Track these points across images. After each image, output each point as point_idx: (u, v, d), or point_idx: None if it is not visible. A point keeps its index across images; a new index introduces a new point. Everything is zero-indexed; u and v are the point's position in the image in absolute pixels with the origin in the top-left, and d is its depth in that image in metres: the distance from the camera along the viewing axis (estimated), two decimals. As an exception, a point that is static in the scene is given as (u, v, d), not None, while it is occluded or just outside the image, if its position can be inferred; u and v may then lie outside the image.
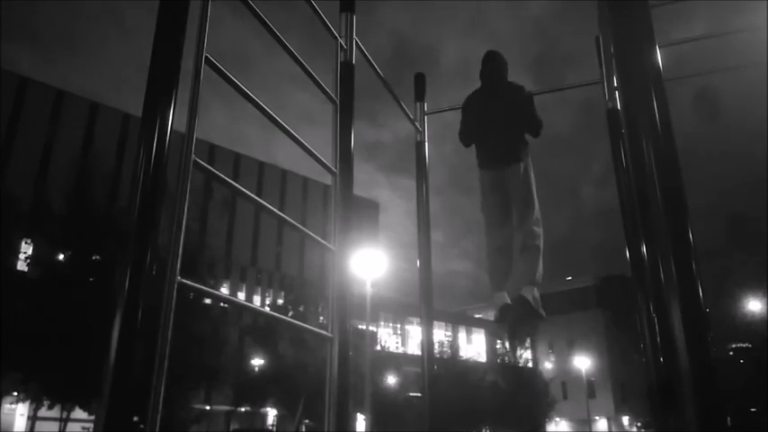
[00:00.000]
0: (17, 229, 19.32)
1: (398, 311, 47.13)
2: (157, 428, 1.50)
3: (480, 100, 4.18)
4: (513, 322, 3.78)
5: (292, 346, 26.70)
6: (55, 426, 20.54)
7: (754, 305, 28.52)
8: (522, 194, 3.93)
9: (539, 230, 3.92)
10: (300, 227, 2.50)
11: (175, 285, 1.64)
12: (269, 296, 41.98)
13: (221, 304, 25.95)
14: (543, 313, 3.80)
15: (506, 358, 41.32)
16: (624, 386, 50.54)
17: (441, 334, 48.06)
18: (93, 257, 18.64)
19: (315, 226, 34.21)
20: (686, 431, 1.32)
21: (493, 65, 4.16)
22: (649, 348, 3.26)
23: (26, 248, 20.57)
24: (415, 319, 44.71)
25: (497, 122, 4.02)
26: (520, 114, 4.01)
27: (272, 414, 36.13)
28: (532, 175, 4.00)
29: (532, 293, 3.73)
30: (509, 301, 3.78)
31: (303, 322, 8.83)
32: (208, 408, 30.69)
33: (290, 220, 2.50)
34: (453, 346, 41.04)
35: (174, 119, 1.74)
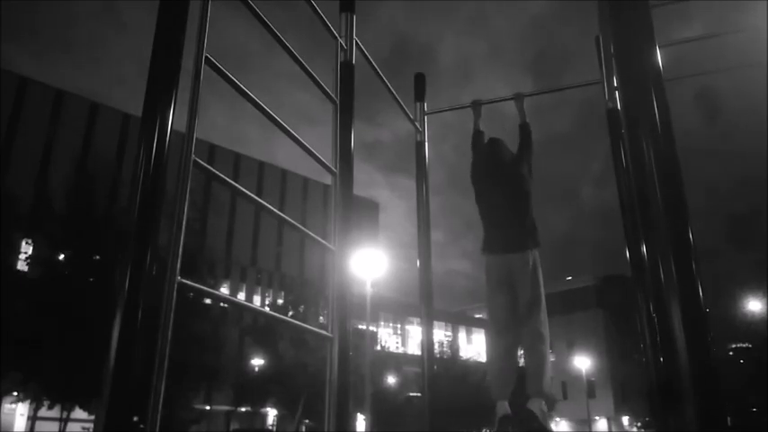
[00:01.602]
0: (17, 229, 19.31)
1: (398, 311, 47.13)
2: (157, 428, 1.50)
3: (483, 180, 4.07)
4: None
5: (292, 346, 26.70)
6: (55, 426, 20.53)
7: (754, 305, 28.51)
8: (529, 290, 3.72)
9: (545, 332, 3.70)
10: (300, 227, 2.50)
11: (175, 285, 1.65)
12: (269, 296, 41.96)
13: (221, 304, 25.96)
14: (551, 429, 3.58)
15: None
16: (624, 386, 50.53)
17: (441, 334, 48.06)
18: (93, 257, 18.64)
19: (315, 226, 34.18)
20: (686, 431, 1.32)
21: (495, 152, 4.10)
22: (649, 348, 3.26)
23: (26, 248, 20.57)
24: (415, 319, 44.71)
25: (503, 208, 3.91)
26: (528, 196, 3.91)
27: (272, 414, 36.13)
28: (540, 270, 3.81)
29: (540, 406, 3.49)
30: (509, 412, 3.57)
31: (303, 322, 8.83)
32: (208, 408, 30.69)
33: (290, 220, 2.50)
34: (453, 346, 41.03)
35: (174, 119, 1.74)
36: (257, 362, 29.55)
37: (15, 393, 20.47)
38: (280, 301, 34.07)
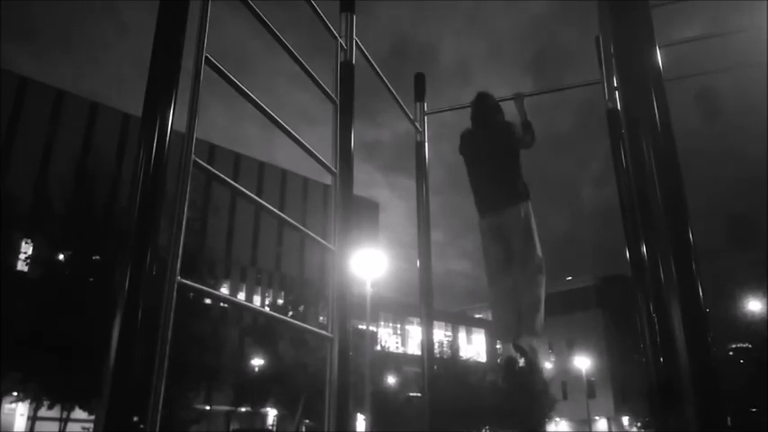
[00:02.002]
0: (17, 229, 19.30)
1: (398, 311, 47.13)
2: (157, 428, 1.50)
3: (471, 143, 4.13)
4: (513, 375, 3.75)
5: (292, 346, 26.70)
6: (55, 426, 20.52)
7: (754, 305, 28.51)
8: (522, 242, 3.83)
9: (540, 278, 3.83)
10: (300, 227, 2.50)
11: (175, 285, 1.65)
12: (269, 296, 41.96)
13: (221, 304, 25.96)
14: (540, 365, 3.78)
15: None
16: (624, 386, 50.53)
17: (441, 334, 48.06)
18: (93, 257, 18.63)
19: (315, 226, 34.20)
20: (686, 431, 1.32)
21: (483, 109, 4.13)
22: (649, 348, 3.26)
23: (26, 248, 20.57)
24: (415, 319, 44.72)
25: (490, 167, 3.97)
26: (512, 153, 3.96)
27: (272, 414, 36.13)
28: (533, 220, 3.89)
29: (530, 343, 3.68)
30: (514, 355, 3.74)
31: (303, 322, 8.83)
32: (208, 408, 30.68)
33: (290, 220, 2.50)
34: (453, 346, 41.03)
35: (174, 119, 1.74)
36: (257, 362, 29.55)
37: (15, 393, 20.46)
38: (280, 302, 34.07)
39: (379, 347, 35.88)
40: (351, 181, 2.79)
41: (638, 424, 47.64)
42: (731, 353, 30.61)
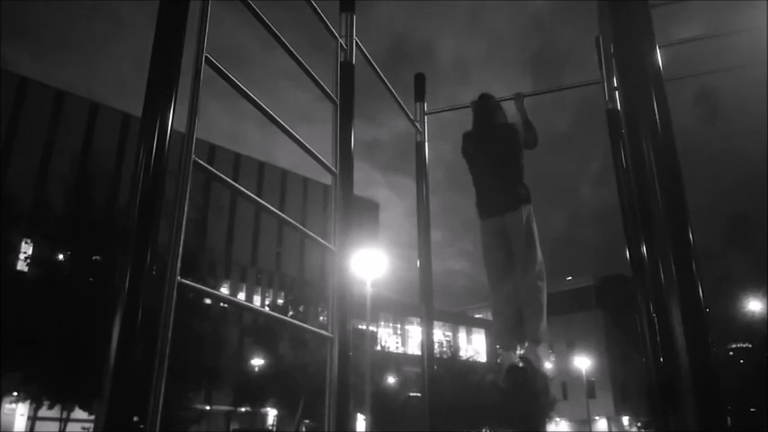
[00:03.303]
0: (17, 229, 19.30)
1: (398, 311, 47.13)
2: (157, 428, 1.50)
3: (474, 145, 4.12)
4: (517, 385, 3.74)
5: (292, 346, 26.70)
6: (55, 426, 20.53)
7: (754, 305, 28.50)
8: (524, 245, 3.81)
9: (542, 284, 3.81)
10: (300, 227, 2.50)
11: (175, 285, 1.64)
12: (269, 296, 41.98)
13: (221, 304, 25.97)
14: (546, 372, 3.75)
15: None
16: (624, 386, 50.54)
17: (441, 334, 48.07)
18: (93, 257, 18.63)
19: (315, 226, 34.23)
20: (686, 431, 1.32)
21: (486, 111, 4.12)
22: (649, 348, 3.26)
23: (26, 248, 20.56)
24: (415, 319, 44.71)
25: (493, 170, 3.96)
26: (515, 156, 3.95)
27: (272, 414, 36.13)
28: (534, 224, 3.88)
29: (535, 352, 3.67)
30: (517, 362, 3.72)
31: (303, 322, 8.82)
32: (208, 408, 30.69)
33: (290, 220, 2.50)
34: (453, 346, 41.02)
35: (174, 119, 1.74)
36: (257, 362, 29.55)
37: (15, 393, 20.47)
38: (280, 302, 34.09)
39: (379, 347, 35.88)
40: (351, 181, 2.79)
41: (638, 424, 47.64)
42: (731, 353, 30.62)
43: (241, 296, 39.83)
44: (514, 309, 3.87)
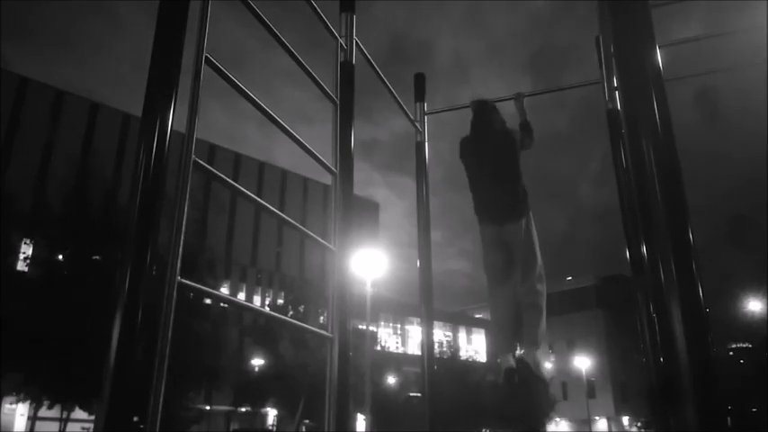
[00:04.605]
0: (17, 229, 19.30)
1: (398, 311, 47.13)
2: (157, 428, 1.50)
3: (472, 153, 4.10)
4: (515, 387, 3.75)
5: (292, 346, 26.70)
6: (55, 426, 20.53)
7: (754, 305, 28.49)
8: (524, 251, 3.82)
9: (541, 288, 3.83)
10: (300, 227, 2.50)
11: (175, 285, 1.64)
12: (269, 296, 41.98)
13: (221, 304, 25.96)
14: (545, 377, 3.78)
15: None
16: (624, 386, 50.53)
17: (441, 334, 48.06)
18: (93, 257, 18.63)
19: (315, 226, 34.21)
20: (686, 431, 1.32)
21: (483, 118, 4.09)
22: (649, 348, 3.26)
23: (26, 248, 20.56)
24: (415, 319, 44.71)
25: (491, 178, 3.94)
26: (514, 163, 3.93)
27: (272, 414, 36.13)
28: (534, 229, 3.88)
29: (533, 357, 3.69)
30: (514, 365, 3.74)
31: (303, 322, 8.82)
32: (208, 408, 30.69)
33: (290, 220, 2.50)
34: (453, 346, 41.01)
35: (174, 119, 1.74)
36: (257, 362, 29.55)
37: (15, 393, 20.45)
38: (280, 301, 34.08)
39: (379, 347, 35.88)
40: (351, 181, 2.79)
41: (638, 424, 47.64)
42: (731, 353, 30.61)
43: (241, 296, 39.82)
44: (513, 312, 3.86)
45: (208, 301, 20.74)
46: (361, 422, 27.86)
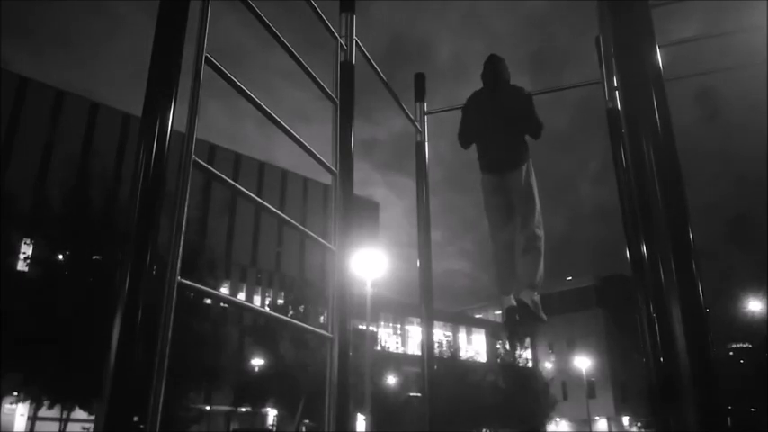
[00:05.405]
0: (17, 229, 19.30)
1: (398, 311, 47.13)
2: (157, 428, 1.50)
3: (480, 102, 4.18)
4: (514, 324, 3.92)
5: (292, 346, 26.70)
6: (55, 426, 20.53)
7: (754, 305, 28.48)
8: (524, 198, 3.95)
9: (540, 233, 3.96)
10: (300, 227, 2.50)
11: (175, 285, 1.64)
12: (269, 296, 41.97)
13: (221, 304, 25.97)
14: (544, 316, 3.89)
15: (506, 358, 41.26)
16: (624, 386, 50.53)
17: (441, 334, 48.06)
18: (93, 257, 18.63)
19: (315, 226, 34.20)
20: (686, 431, 1.32)
21: (494, 67, 4.18)
22: (649, 348, 3.26)
23: (26, 248, 20.56)
24: (415, 319, 44.71)
25: (497, 126, 4.02)
26: (520, 117, 4.02)
27: (272, 414, 36.13)
28: (534, 177, 4.01)
29: (532, 297, 3.82)
30: (514, 303, 3.88)
31: (303, 322, 8.83)
32: (208, 408, 30.69)
33: (290, 220, 2.50)
34: (453, 346, 41.03)
35: (174, 119, 1.74)
36: (257, 362, 29.55)
37: (15, 393, 20.46)
38: (280, 301, 34.09)
39: (379, 347, 35.89)
40: (351, 181, 2.79)
41: (638, 424, 47.66)
42: (731, 353, 30.60)
43: (241, 296, 39.82)
44: (513, 255, 4.01)
45: (208, 301, 20.75)
46: (361, 422, 27.86)
